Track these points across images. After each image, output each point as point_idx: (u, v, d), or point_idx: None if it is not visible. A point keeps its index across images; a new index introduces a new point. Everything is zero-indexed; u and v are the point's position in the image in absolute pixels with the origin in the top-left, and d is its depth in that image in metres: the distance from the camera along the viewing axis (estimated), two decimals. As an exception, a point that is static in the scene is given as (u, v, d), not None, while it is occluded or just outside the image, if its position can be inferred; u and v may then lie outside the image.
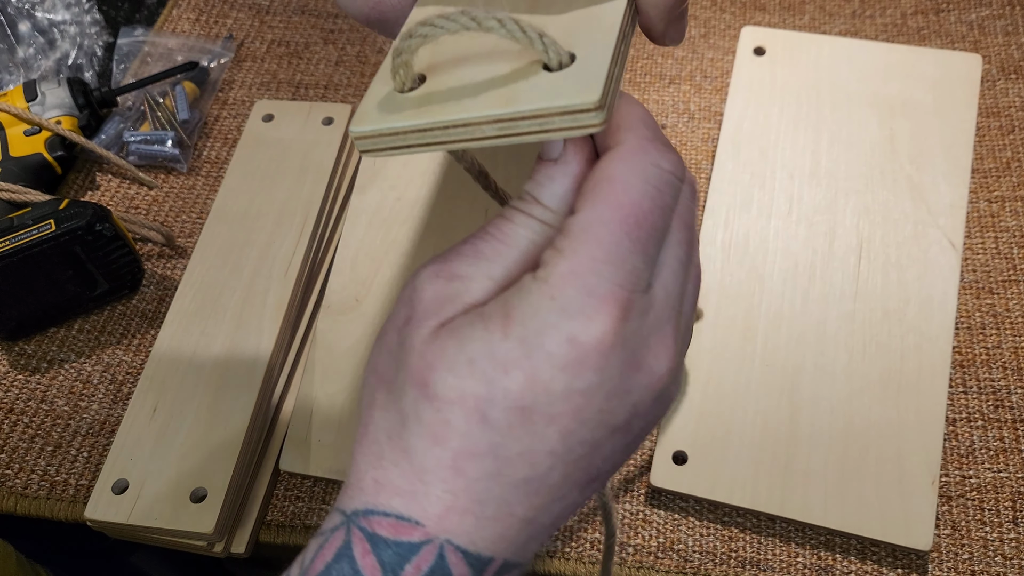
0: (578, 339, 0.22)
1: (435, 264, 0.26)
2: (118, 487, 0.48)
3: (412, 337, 0.24)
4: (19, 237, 0.53)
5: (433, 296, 0.25)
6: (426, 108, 0.24)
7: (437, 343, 0.24)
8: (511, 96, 0.23)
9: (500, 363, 0.23)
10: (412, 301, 0.25)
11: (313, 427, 0.51)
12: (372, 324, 0.54)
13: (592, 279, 0.23)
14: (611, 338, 0.23)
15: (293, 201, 0.58)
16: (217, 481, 0.47)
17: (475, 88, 0.24)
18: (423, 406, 0.23)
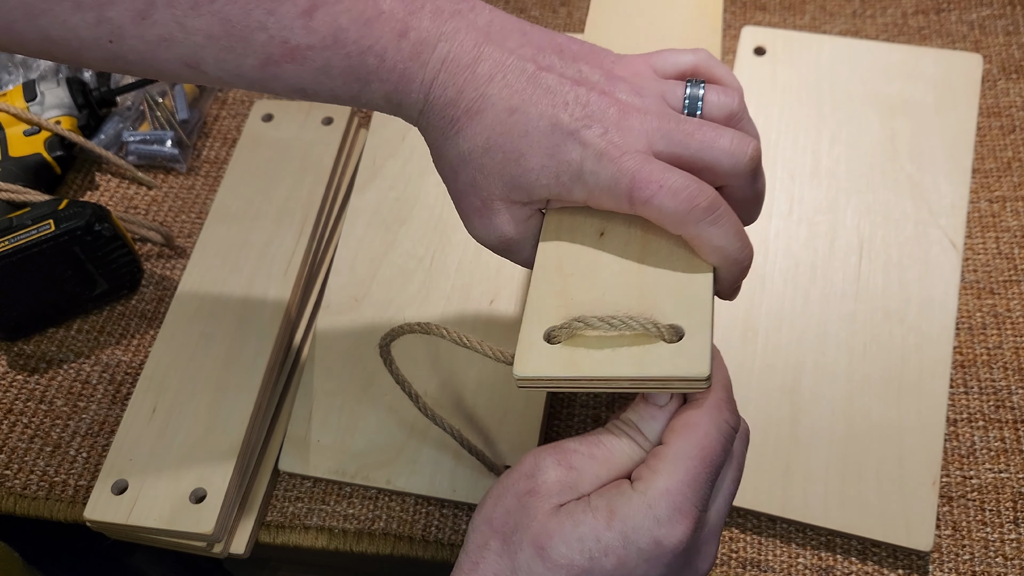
0: (662, 542, 0.30)
1: (557, 454, 0.33)
2: (117, 487, 0.48)
3: (536, 508, 0.31)
4: (18, 237, 0.53)
5: (556, 480, 0.32)
6: (576, 363, 0.31)
7: (556, 519, 0.31)
8: (641, 362, 0.31)
9: (603, 547, 0.30)
10: (535, 478, 0.32)
11: (312, 427, 0.51)
12: (371, 324, 0.53)
13: (679, 498, 0.30)
14: (685, 544, 0.30)
15: (292, 201, 0.58)
16: (216, 482, 0.47)
17: (611, 351, 0.31)
18: (536, 564, 0.30)
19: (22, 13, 0.31)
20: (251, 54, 0.32)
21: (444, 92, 0.33)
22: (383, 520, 0.51)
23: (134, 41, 0.32)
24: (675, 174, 0.32)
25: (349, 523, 0.51)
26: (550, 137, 0.33)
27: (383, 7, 0.32)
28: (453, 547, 0.49)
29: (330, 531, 0.51)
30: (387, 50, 0.33)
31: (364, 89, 0.34)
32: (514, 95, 0.33)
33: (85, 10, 0.31)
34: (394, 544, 0.50)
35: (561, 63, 0.34)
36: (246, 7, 0.31)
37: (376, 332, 0.53)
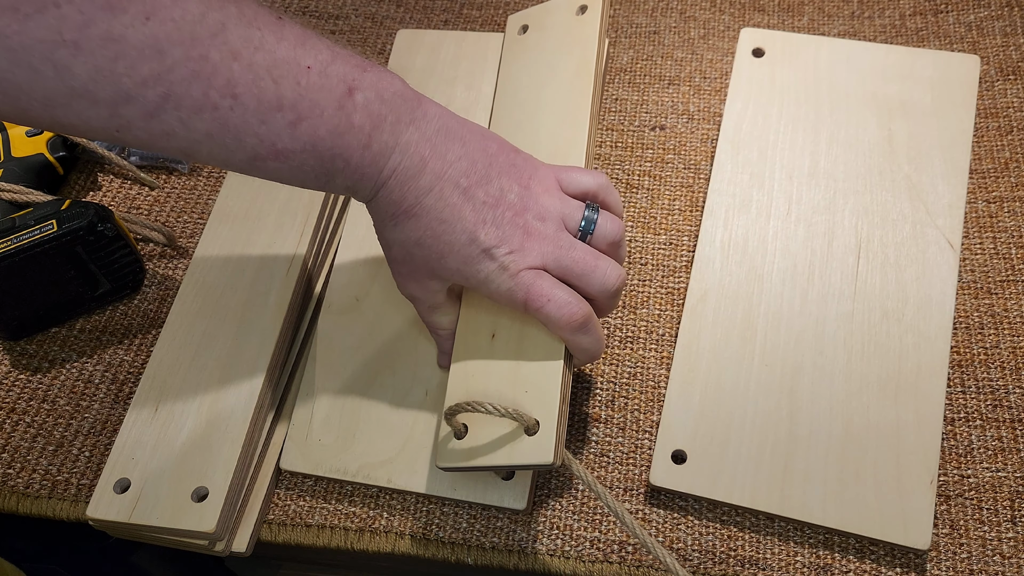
0: None
1: None
2: (120, 486, 0.48)
3: None
4: (21, 237, 0.53)
5: None
6: (471, 456, 0.43)
7: None
8: (512, 453, 0.42)
9: None
10: None
11: (314, 426, 0.51)
12: (373, 323, 0.54)
13: None
14: None
15: (294, 201, 0.58)
16: (218, 480, 0.47)
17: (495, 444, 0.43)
18: None
19: (40, 103, 0.33)
20: (241, 151, 0.37)
21: (390, 194, 0.41)
22: (384, 518, 0.51)
23: (140, 132, 0.36)
24: (560, 290, 0.42)
25: (351, 521, 0.51)
26: (468, 248, 0.41)
27: (354, 121, 0.38)
28: (454, 544, 0.50)
29: (332, 529, 0.51)
30: (352, 157, 0.39)
31: (328, 181, 0.40)
32: (445, 208, 0.41)
33: (100, 107, 0.34)
34: (395, 542, 0.50)
35: (487, 179, 0.42)
36: (243, 115, 0.36)
37: (377, 331, 0.53)
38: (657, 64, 0.70)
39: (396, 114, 0.40)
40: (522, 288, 0.42)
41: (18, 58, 0.32)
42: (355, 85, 0.38)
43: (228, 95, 0.35)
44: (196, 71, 0.34)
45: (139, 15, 0.33)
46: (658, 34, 0.72)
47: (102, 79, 0.33)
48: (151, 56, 0.33)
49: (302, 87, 0.37)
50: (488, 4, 0.76)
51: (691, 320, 0.53)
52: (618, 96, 0.69)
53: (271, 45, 0.36)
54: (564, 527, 0.50)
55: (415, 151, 0.40)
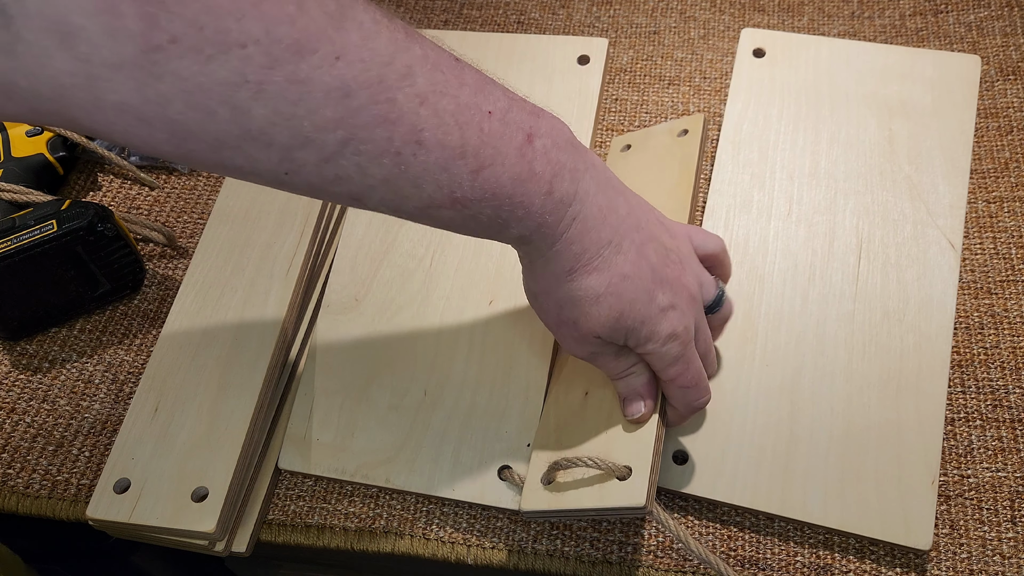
0: None
1: None
2: (119, 486, 0.48)
3: None
4: (21, 237, 0.53)
5: None
6: (559, 497, 0.44)
7: None
8: (602, 495, 0.43)
9: None
10: None
11: (313, 426, 0.51)
12: (371, 323, 0.54)
13: None
14: None
15: (294, 201, 0.58)
16: (218, 480, 0.47)
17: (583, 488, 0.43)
18: None
19: (208, 146, 0.31)
20: (416, 199, 0.35)
21: (570, 247, 0.39)
22: (384, 518, 0.51)
23: (311, 177, 0.34)
24: (703, 380, 0.44)
25: (350, 521, 0.51)
26: (647, 308, 0.40)
27: (535, 168, 0.37)
28: (454, 544, 0.50)
29: (331, 529, 0.51)
30: (533, 205, 0.37)
31: (502, 231, 0.38)
32: (627, 263, 0.40)
33: (273, 150, 0.32)
34: (395, 542, 0.50)
35: (652, 237, 0.41)
36: (426, 163, 0.34)
37: (376, 332, 0.53)
38: (657, 64, 0.70)
39: (573, 162, 0.38)
40: (683, 362, 0.42)
41: (195, 100, 0.30)
42: (533, 132, 0.37)
43: (412, 141, 0.33)
44: (382, 115, 0.32)
45: (328, 56, 0.31)
46: (658, 34, 0.72)
47: (281, 123, 0.31)
48: (337, 99, 0.31)
49: (485, 133, 0.35)
50: (488, 4, 0.76)
51: (691, 320, 0.53)
52: (618, 96, 0.69)
53: (455, 90, 0.34)
54: (564, 527, 0.50)
55: (593, 201, 0.39)
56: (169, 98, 0.29)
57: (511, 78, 0.59)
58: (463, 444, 0.49)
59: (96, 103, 0.29)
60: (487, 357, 0.51)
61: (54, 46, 0.28)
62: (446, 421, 0.50)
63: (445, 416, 0.50)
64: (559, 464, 0.44)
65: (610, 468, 0.42)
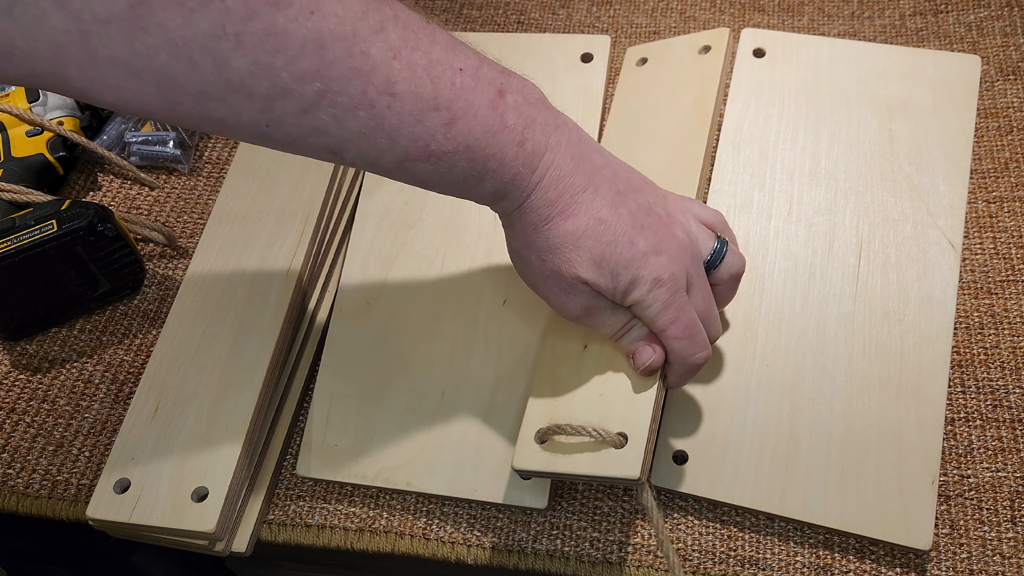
0: None
1: None
2: (120, 486, 0.48)
3: None
4: (21, 237, 0.53)
5: None
6: (552, 459, 0.43)
7: None
8: (596, 462, 0.41)
9: None
10: None
11: (329, 431, 0.51)
12: (385, 326, 0.54)
13: None
14: None
15: (294, 202, 0.58)
16: (218, 480, 0.47)
17: (577, 454, 0.42)
18: None
19: (193, 97, 0.33)
20: (392, 151, 0.37)
21: (545, 194, 0.40)
22: (384, 518, 0.51)
23: (290, 128, 0.35)
24: (700, 333, 0.42)
25: (350, 521, 0.51)
26: (628, 250, 0.40)
27: (507, 121, 0.38)
28: (454, 544, 0.50)
29: (331, 529, 0.51)
30: (506, 156, 0.38)
31: (477, 185, 0.39)
32: (604, 208, 0.40)
33: (254, 101, 0.34)
34: (395, 542, 0.50)
35: (634, 190, 0.42)
36: (400, 114, 0.35)
37: (390, 334, 0.53)
38: (657, 64, 0.70)
39: (544, 117, 0.39)
40: (673, 310, 0.41)
41: (179, 51, 0.31)
42: (504, 87, 0.38)
43: (386, 93, 0.35)
44: (356, 67, 0.34)
45: (303, 9, 0.32)
46: (658, 34, 0.72)
47: (260, 73, 0.33)
48: (312, 51, 0.33)
49: (457, 87, 0.37)
50: (488, 4, 0.76)
51: (691, 320, 0.53)
52: (618, 96, 0.69)
53: (426, 46, 0.36)
54: (564, 527, 0.50)
55: (565, 151, 0.40)
56: (156, 50, 0.31)
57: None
58: (483, 445, 0.49)
59: (90, 59, 0.31)
60: (503, 357, 0.51)
61: (49, 5, 0.29)
62: (465, 422, 0.50)
63: (464, 417, 0.50)
64: (554, 429, 0.43)
65: (606, 438, 0.41)
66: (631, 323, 0.43)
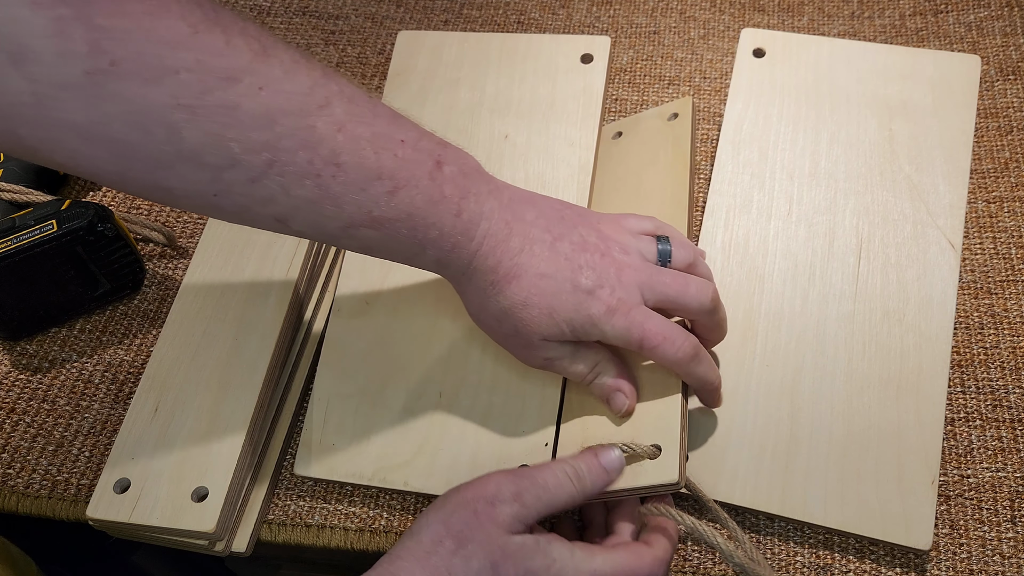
0: None
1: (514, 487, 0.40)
2: (120, 486, 0.48)
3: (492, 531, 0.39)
4: (21, 237, 0.53)
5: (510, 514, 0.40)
6: None
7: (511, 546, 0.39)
8: (635, 475, 0.43)
9: None
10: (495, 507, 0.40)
11: (327, 431, 0.51)
12: (382, 327, 0.53)
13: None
14: None
15: None
16: (218, 480, 0.47)
17: None
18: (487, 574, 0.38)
19: (143, 164, 0.35)
20: (338, 219, 0.38)
21: (485, 261, 0.42)
22: (384, 518, 0.51)
23: (239, 197, 0.37)
24: (672, 329, 0.43)
25: (350, 521, 0.51)
26: (573, 296, 0.42)
27: (445, 191, 0.40)
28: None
29: (331, 529, 0.51)
30: (445, 226, 0.40)
31: (420, 253, 0.41)
32: (541, 263, 0.42)
33: (204, 171, 0.35)
34: (395, 542, 0.50)
35: (567, 230, 0.43)
36: (345, 184, 0.37)
37: (388, 335, 0.53)
38: (657, 64, 0.70)
39: (477, 186, 0.42)
40: (637, 328, 0.42)
41: (134, 120, 0.33)
42: (442, 159, 0.40)
43: (332, 163, 0.37)
44: (304, 140, 0.36)
45: (253, 86, 0.34)
46: (658, 34, 0.72)
47: (212, 144, 0.34)
48: (262, 125, 0.35)
49: (399, 158, 0.39)
50: (488, 4, 0.76)
51: (691, 320, 0.53)
52: (618, 96, 0.69)
53: (369, 119, 0.38)
54: (564, 527, 0.50)
55: (499, 217, 0.42)
56: (111, 117, 0.32)
57: (514, 78, 0.59)
58: (481, 445, 0.49)
59: (43, 121, 0.32)
60: (501, 357, 0.51)
61: (6, 66, 0.30)
62: (463, 422, 0.50)
63: (462, 417, 0.50)
64: None
65: (642, 451, 0.43)
66: (597, 367, 0.45)
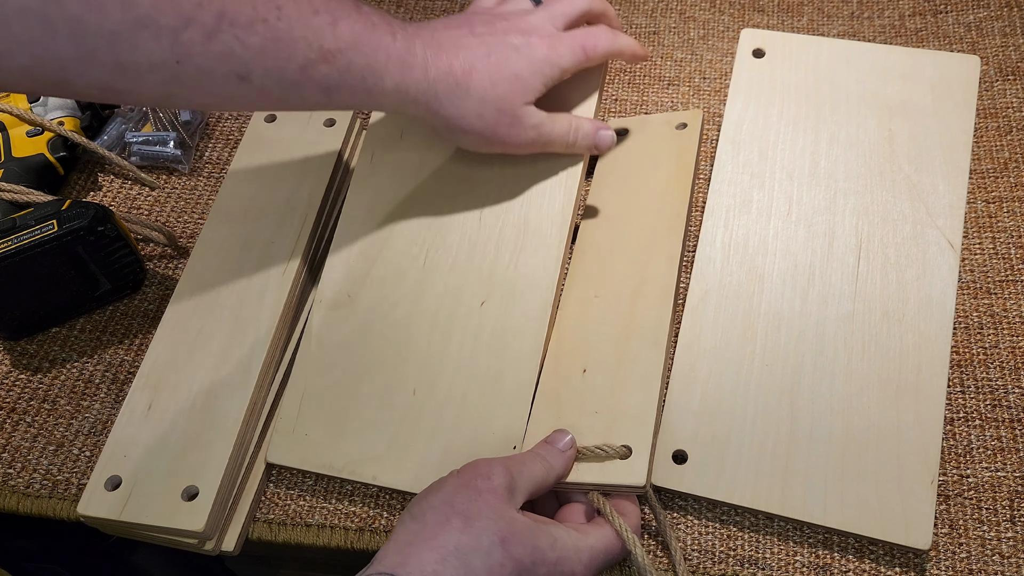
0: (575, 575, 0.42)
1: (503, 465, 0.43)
2: (111, 483, 0.48)
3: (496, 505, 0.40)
4: (22, 237, 0.53)
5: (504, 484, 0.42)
6: None
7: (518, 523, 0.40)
8: (604, 473, 0.46)
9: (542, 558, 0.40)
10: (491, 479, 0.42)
11: (302, 421, 0.51)
12: (364, 320, 0.54)
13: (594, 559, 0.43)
14: None
15: (293, 201, 0.58)
16: (209, 480, 0.47)
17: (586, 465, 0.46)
18: (496, 550, 0.38)
19: (106, 41, 0.37)
20: (294, 60, 0.42)
21: (439, 69, 0.46)
22: (384, 518, 0.51)
23: (199, 59, 0.39)
24: (593, 28, 0.53)
25: (351, 521, 0.51)
26: (518, 54, 0.48)
27: (374, 20, 0.45)
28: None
29: (332, 529, 0.51)
30: (389, 49, 0.45)
31: (378, 84, 0.45)
32: (478, 49, 0.48)
33: (163, 35, 0.38)
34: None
35: (468, 21, 0.50)
36: (289, 23, 0.41)
37: (368, 329, 0.53)
38: (657, 65, 0.70)
39: (389, 17, 0.46)
40: (577, 44, 0.50)
41: None
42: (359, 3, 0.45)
43: (273, 6, 0.40)
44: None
45: None
46: (658, 35, 0.72)
47: (163, 4, 0.37)
48: None
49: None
50: (488, 4, 0.76)
51: (691, 320, 0.53)
52: (618, 97, 0.69)
53: None
54: (564, 527, 0.50)
55: (422, 35, 0.47)
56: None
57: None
58: (451, 444, 0.49)
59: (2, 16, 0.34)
60: (477, 358, 0.51)
61: None
62: (435, 420, 0.50)
63: (434, 415, 0.50)
64: None
65: (613, 451, 0.46)
66: (574, 123, 0.52)
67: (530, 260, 0.53)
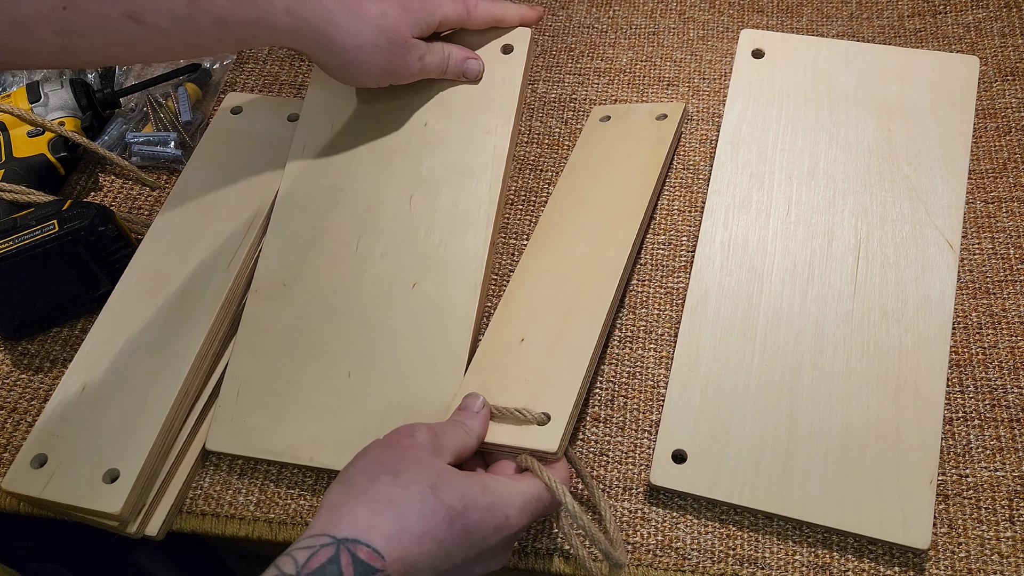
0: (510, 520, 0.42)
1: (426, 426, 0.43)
2: (37, 461, 0.49)
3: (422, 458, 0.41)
4: (22, 237, 0.53)
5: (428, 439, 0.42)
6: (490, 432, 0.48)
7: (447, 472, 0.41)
8: (520, 436, 0.47)
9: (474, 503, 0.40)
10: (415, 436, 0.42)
11: (241, 408, 0.52)
12: (300, 309, 0.54)
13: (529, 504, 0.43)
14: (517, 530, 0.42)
15: (249, 193, 0.59)
16: (131, 463, 0.48)
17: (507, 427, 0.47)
18: (428, 498, 0.39)
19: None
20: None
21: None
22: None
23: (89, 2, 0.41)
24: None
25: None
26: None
27: None
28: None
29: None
30: None
31: (270, 11, 0.47)
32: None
33: None
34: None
35: None
36: None
37: (304, 316, 0.54)
38: (656, 65, 0.71)
39: None
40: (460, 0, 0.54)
41: None
42: None
43: None
44: None
45: None
46: (657, 35, 0.72)
47: None
48: None
49: None
50: (488, 5, 0.76)
51: (691, 320, 0.53)
52: (618, 97, 0.69)
53: None
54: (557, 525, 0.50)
55: None
56: None
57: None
58: (387, 423, 0.50)
59: None
60: (411, 339, 0.52)
61: None
62: (370, 401, 0.51)
63: (370, 396, 0.51)
64: None
65: (532, 417, 0.47)
66: (446, 52, 0.55)
67: (460, 241, 0.55)
